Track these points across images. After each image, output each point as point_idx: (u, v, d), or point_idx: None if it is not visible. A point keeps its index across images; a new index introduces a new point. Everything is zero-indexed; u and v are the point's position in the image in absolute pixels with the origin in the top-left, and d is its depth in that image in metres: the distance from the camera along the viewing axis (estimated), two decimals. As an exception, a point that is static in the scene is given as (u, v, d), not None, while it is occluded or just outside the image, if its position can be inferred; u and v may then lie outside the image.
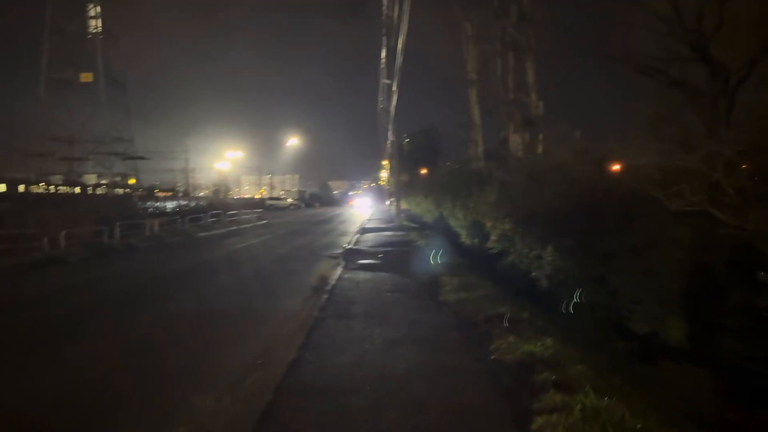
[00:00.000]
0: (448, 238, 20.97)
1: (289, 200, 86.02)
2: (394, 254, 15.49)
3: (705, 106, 12.61)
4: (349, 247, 17.67)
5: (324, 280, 10.69)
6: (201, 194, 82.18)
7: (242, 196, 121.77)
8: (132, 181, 33.42)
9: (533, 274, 10.84)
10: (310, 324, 6.88)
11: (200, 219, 29.44)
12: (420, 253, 15.68)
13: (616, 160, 11.83)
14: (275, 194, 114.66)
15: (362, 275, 11.50)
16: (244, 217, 38.79)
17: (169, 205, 33.13)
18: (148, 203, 32.60)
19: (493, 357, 5.57)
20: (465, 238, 18.21)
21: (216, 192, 78.33)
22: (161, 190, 73.69)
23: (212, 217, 31.07)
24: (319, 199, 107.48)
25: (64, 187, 30.09)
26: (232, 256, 16.57)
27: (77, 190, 30.67)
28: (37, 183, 30.03)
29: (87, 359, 6.14)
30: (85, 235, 19.63)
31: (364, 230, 26.48)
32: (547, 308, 9.72)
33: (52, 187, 31.87)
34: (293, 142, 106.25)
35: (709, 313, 7.18)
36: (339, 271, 12.22)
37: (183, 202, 38.85)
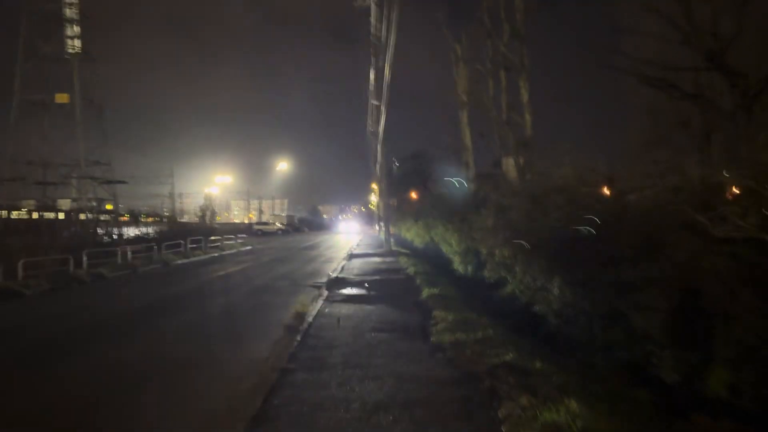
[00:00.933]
0: (440, 265, 19.73)
1: (277, 225, 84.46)
2: (382, 283, 14.22)
3: (719, 121, 11.54)
4: (334, 275, 16.37)
5: (301, 316, 9.39)
6: (187, 219, 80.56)
7: (231, 221, 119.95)
8: (109, 207, 31.97)
9: (537, 307, 9.66)
10: (274, 380, 5.58)
11: (180, 245, 28.03)
12: (410, 282, 14.43)
13: (625, 180, 10.67)
14: (264, 219, 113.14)
15: (345, 309, 10.22)
16: (227, 242, 37.37)
17: (148, 230, 31.65)
18: (124, 229, 31.13)
19: (504, 429, 4.31)
20: (458, 265, 16.98)
21: (202, 217, 76.84)
22: (148, 216, 72.10)
23: (193, 243, 29.66)
24: (308, 224, 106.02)
25: (35, 213, 28.68)
26: (205, 288, 15.21)
27: (51, 215, 29.26)
28: (8, 209, 28.56)
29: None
30: (50, 264, 18.17)
31: (351, 256, 25.21)
32: (555, 347, 8.51)
33: (22, 213, 30.47)
34: (283, 166, 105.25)
35: (755, 359, 5.97)
36: (319, 304, 10.93)
37: (165, 228, 37.40)
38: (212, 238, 34.11)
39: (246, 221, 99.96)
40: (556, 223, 8.81)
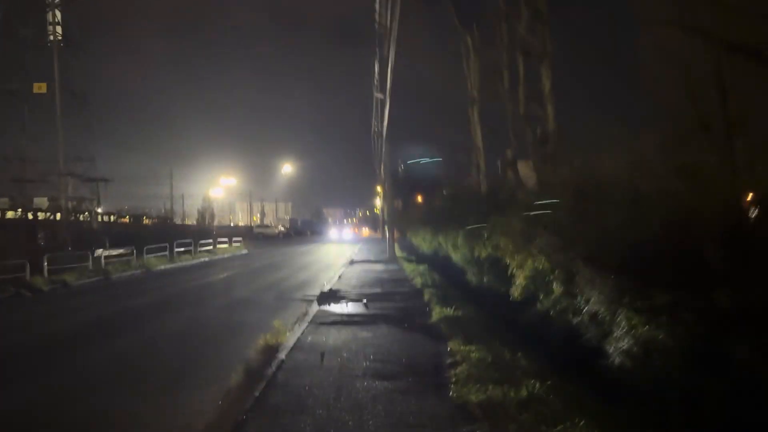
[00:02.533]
0: (450, 275, 17.34)
1: (279, 228, 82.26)
2: (384, 299, 11.83)
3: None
4: (328, 287, 13.99)
5: (272, 349, 7.01)
6: (187, 222, 78.44)
7: (235, 224, 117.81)
8: (100, 209, 29.60)
9: (586, 337, 7.32)
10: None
11: (165, 249, 25.71)
12: (417, 297, 12.03)
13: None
14: (267, 222, 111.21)
15: (333, 337, 7.84)
16: (221, 246, 35.10)
17: (129, 232, 29.42)
18: (109, 230, 28.93)
19: None
20: (471, 276, 14.56)
21: (200, 219, 74.58)
22: (147, 217, 69.95)
23: (182, 247, 27.36)
24: (312, 228, 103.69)
25: (10, 213, 26.62)
26: (175, 300, 12.84)
27: (30, 215, 27.14)
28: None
29: None
30: (10, 269, 15.89)
31: (352, 262, 22.85)
32: (611, 394, 6.15)
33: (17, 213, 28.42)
34: (287, 169, 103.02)
35: None
36: (303, 327, 8.58)
37: (153, 230, 35.20)
38: (204, 241, 31.78)
39: (251, 224, 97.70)
40: (622, 227, 6.42)
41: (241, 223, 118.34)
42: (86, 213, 29.56)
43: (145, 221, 68.57)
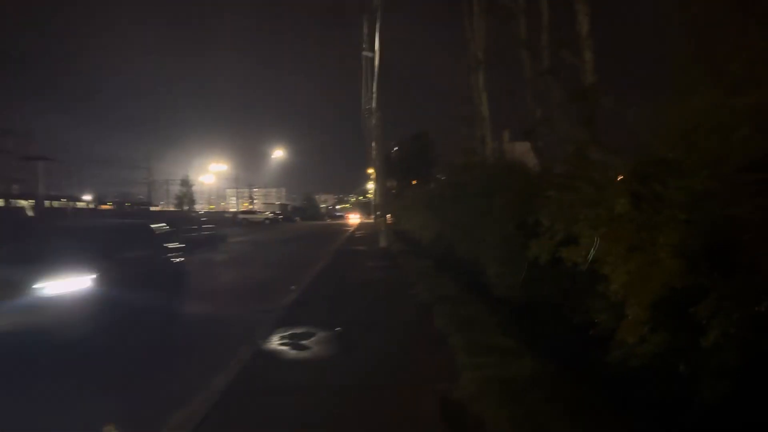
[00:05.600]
0: (461, 273, 13.00)
1: (267, 214, 77.70)
2: (370, 325, 7.44)
3: None
4: (293, 297, 9.63)
5: None
6: (168, 208, 73.79)
7: (223, 210, 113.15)
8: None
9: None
10: None
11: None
12: (423, 322, 7.61)
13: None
14: (257, 208, 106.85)
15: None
16: (188, 235, 30.56)
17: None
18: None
19: None
20: (496, 277, 10.17)
21: (179, 205, 69.90)
22: (135, 204, 65.35)
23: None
24: (301, 214, 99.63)
25: None
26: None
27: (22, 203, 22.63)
28: None
29: None
30: None
31: (336, 254, 18.51)
32: None
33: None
34: (279, 154, 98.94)
35: None
36: (198, 421, 4.21)
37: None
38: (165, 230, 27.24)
39: (237, 210, 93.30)
40: None
41: (231, 209, 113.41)
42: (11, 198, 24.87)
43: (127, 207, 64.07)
